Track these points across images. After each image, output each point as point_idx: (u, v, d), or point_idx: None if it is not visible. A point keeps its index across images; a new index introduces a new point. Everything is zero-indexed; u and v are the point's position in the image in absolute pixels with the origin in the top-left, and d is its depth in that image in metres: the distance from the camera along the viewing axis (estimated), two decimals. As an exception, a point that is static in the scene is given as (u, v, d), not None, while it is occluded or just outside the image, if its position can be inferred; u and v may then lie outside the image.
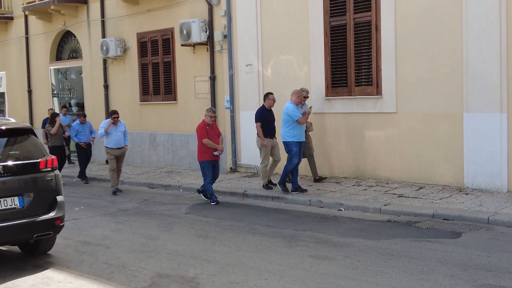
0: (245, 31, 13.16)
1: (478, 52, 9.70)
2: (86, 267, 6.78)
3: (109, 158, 12.42)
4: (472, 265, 6.16)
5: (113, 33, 16.33)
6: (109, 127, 12.21)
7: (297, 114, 10.36)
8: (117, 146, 12.32)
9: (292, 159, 10.43)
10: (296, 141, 10.44)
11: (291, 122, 10.37)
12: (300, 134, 10.50)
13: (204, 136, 10.47)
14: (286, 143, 10.50)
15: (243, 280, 5.98)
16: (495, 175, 9.69)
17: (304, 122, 10.50)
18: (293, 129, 10.40)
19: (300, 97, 10.64)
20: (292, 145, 10.42)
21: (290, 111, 10.38)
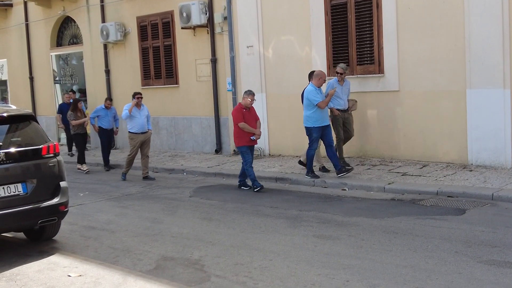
0: (245, 12, 13.06)
1: (480, 28, 9.61)
2: (91, 251, 6.81)
3: (132, 144, 11.79)
4: (476, 241, 6.16)
5: (113, 18, 16.24)
6: (133, 110, 11.63)
7: (316, 98, 9.77)
8: (141, 130, 11.76)
9: (312, 145, 10.00)
10: (317, 126, 9.87)
11: (312, 106, 9.82)
12: (322, 118, 9.90)
13: (240, 120, 9.84)
14: (306, 128, 10.03)
15: (248, 261, 5.99)
16: (499, 151, 9.65)
17: (324, 106, 9.82)
18: (315, 113, 9.83)
19: (322, 79, 9.93)
20: (312, 130, 9.92)
21: (310, 94, 9.84)
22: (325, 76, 10.08)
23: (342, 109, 10.54)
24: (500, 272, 5.20)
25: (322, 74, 10.02)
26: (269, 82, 12.80)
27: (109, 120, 13.47)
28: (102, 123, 13.42)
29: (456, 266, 5.41)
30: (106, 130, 13.49)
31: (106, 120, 13.43)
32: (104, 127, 13.45)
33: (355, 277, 5.33)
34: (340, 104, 10.50)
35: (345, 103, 10.58)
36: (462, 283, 4.98)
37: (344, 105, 10.57)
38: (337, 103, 10.47)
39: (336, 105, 10.43)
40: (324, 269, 5.59)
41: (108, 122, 13.46)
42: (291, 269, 5.66)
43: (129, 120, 11.72)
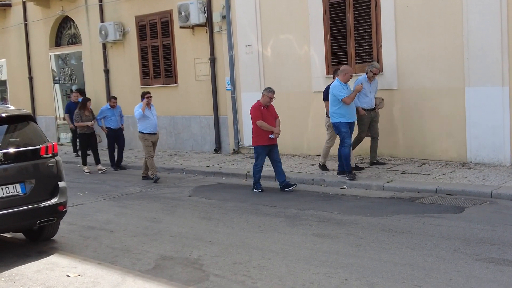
0: (243, 11, 13.06)
1: (478, 25, 9.61)
2: (90, 251, 6.81)
3: (146, 145, 11.48)
4: (475, 239, 6.16)
5: (112, 17, 16.23)
6: (145, 111, 11.35)
7: (341, 94, 9.49)
8: (154, 131, 11.52)
9: (344, 141, 9.60)
10: (345, 121, 9.58)
11: (338, 101, 9.54)
12: (349, 113, 9.62)
13: (258, 118, 9.55)
14: (334, 124, 9.71)
15: (247, 260, 5.99)
16: (498, 149, 9.65)
17: (350, 101, 9.51)
18: (340, 109, 9.54)
19: (348, 75, 9.64)
20: (340, 125, 9.59)
21: (335, 90, 9.57)
22: (351, 71, 9.82)
23: (369, 108, 10.29)
24: (498, 269, 5.20)
25: (348, 69, 9.75)
26: (268, 81, 12.79)
27: (116, 119, 13.25)
28: (110, 123, 13.18)
29: (455, 264, 5.41)
30: (114, 130, 13.25)
31: (113, 120, 13.21)
32: (112, 127, 13.21)
33: (354, 275, 5.33)
34: (366, 103, 10.26)
35: (372, 101, 10.33)
36: (460, 281, 4.98)
37: (371, 103, 10.32)
38: (363, 101, 10.23)
39: (362, 103, 10.20)
40: (322, 268, 5.59)
41: (115, 122, 13.23)
42: (290, 268, 5.66)
43: (141, 121, 11.43)
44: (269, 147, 9.70)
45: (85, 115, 13.00)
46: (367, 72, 10.24)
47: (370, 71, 10.20)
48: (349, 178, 9.55)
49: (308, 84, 12.15)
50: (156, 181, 11.31)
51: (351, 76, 9.76)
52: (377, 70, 10.26)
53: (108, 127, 13.23)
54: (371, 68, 10.21)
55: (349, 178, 9.55)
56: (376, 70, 10.24)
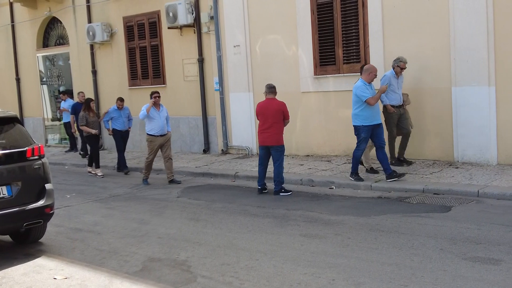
0: (231, 11, 13.06)
1: (465, 25, 9.67)
2: (77, 254, 6.78)
3: (151, 147, 11.13)
4: (461, 238, 6.19)
5: (99, 18, 16.17)
6: (151, 110, 10.98)
7: (365, 94, 9.04)
8: (161, 133, 11.07)
9: (360, 145, 9.29)
10: (366, 124, 9.14)
11: (360, 102, 9.10)
12: (372, 116, 9.16)
13: None
14: (355, 127, 9.32)
15: (234, 261, 5.99)
16: (485, 148, 9.72)
17: (374, 103, 9.06)
18: (364, 111, 9.10)
19: (372, 74, 9.23)
20: (361, 129, 9.18)
21: (358, 90, 9.11)
22: (376, 70, 9.34)
23: (398, 105, 9.99)
24: (484, 268, 5.24)
25: (373, 68, 9.31)
26: (256, 81, 12.80)
27: (123, 121, 12.81)
28: (116, 125, 12.76)
29: (441, 263, 5.44)
30: (120, 132, 12.82)
31: (120, 122, 12.78)
32: (119, 129, 12.78)
33: (341, 275, 5.34)
34: (395, 100, 9.94)
35: (400, 98, 10.02)
36: (447, 280, 5.01)
37: (399, 100, 10.01)
38: (392, 98, 9.91)
39: (391, 100, 9.88)
40: (310, 268, 5.60)
41: (122, 124, 12.80)
42: (278, 269, 5.66)
43: (147, 122, 11.12)
44: None
45: (90, 116, 12.55)
46: (394, 67, 9.91)
47: (397, 66, 9.86)
48: (355, 179, 9.35)
49: (296, 85, 12.17)
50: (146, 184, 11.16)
51: (375, 76, 9.36)
52: (404, 64, 9.87)
53: (115, 129, 12.80)
54: (398, 63, 9.86)
55: (355, 179, 9.36)
56: (403, 65, 9.87)
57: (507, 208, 7.37)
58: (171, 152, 11.32)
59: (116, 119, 12.79)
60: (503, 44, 9.35)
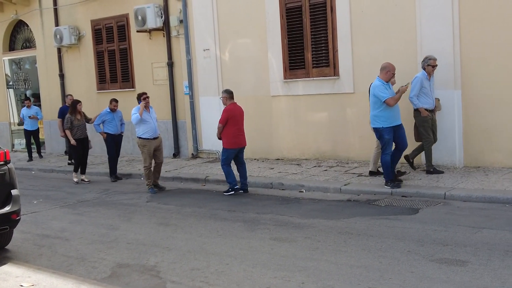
0: (201, 15, 13.04)
1: (431, 30, 9.82)
2: (44, 260, 6.67)
3: (146, 152, 10.47)
4: (429, 240, 6.28)
5: (67, 21, 15.98)
6: (143, 113, 10.46)
7: (384, 94, 8.55)
8: (154, 135, 10.55)
9: (386, 148, 8.69)
10: (388, 126, 8.64)
11: (379, 103, 8.61)
12: (392, 116, 8.66)
13: None
14: (376, 129, 8.78)
15: (204, 266, 5.97)
16: (451, 151, 9.87)
17: (394, 103, 8.57)
18: (383, 112, 8.61)
19: (390, 72, 8.71)
20: (383, 131, 8.64)
21: (377, 90, 8.62)
22: (394, 69, 8.80)
23: (430, 109, 9.38)
24: (451, 270, 5.31)
25: (390, 66, 8.75)
26: (226, 85, 12.75)
27: (116, 124, 12.11)
28: (109, 128, 12.03)
29: (409, 265, 5.51)
30: (113, 136, 12.11)
31: (113, 125, 12.06)
32: (111, 133, 12.05)
33: (311, 278, 5.37)
34: (428, 103, 9.33)
35: (433, 102, 9.40)
36: (414, 282, 5.07)
37: (432, 104, 9.38)
38: (425, 101, 9.30)
39: (424, 103, 9.28)
40: (280, 272, 5.61)
41: (115, 127, 12.10)
42: (248, 273, 5.66)
43: (139, 125, 10.51)
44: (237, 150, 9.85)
45: (77, 119, 11.92)
46: (424, 67, 9.29)
47: (427, 65, 9.24)
48: (392, 186, 8.70)
49: (266, 89, 12.20)
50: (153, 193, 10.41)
51: (393, 75, 8.85)
52: (434, 61, 9.21)
53: (107, 133, 12.08)
54: (428, 61, 9.24)
55: (391, 186, 8.71)
56: (434, 62, 9.21)
57: (473, 210, 7.50)
58: (162, 156, 10.86)
59: (109, 122, 12.06)
60: (469, 49, 9.53)
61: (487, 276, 5.07)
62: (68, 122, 11.93)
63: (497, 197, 7.79)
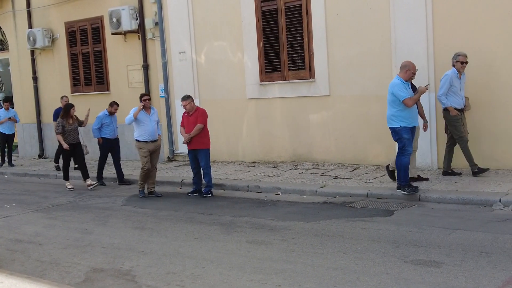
0: (176, 17, 12.99)
1: (405, 33, 9.92)
2: (17, 265, 6.55)
3: (142, 154, 10.14)
4: (404, 241, 6.32)
5: (40, 23, 15.79)
6: (140, 114, 10.07)
7: (403, 93, 8.18)
8: (151, 138, 10.13)
9: (404, 149, 8.33)
10: (406, 126, 8.29)
11: (397, 102, 8.26)
12: (411, 117, 8.33)
13: (181, 125, 10.09)
14: (393, 129, 8.37)
15: (180, 270, 5.92)
16: (425, 153, 9.97)
17: (412, 104, 8.21)
18: (401, 111, 8.24)
19: (410, 72, 8.31)
20: (402, 130, 8.26)
21: (396, 89, 8.24)
22: (415, 68, 8.39)
23: (459, 108, 8.99)
24: (426, 271, 5.35)
25: (411, 65, 8.36)
26: (202, 87, 12.77)
27: (113, 128, 11.65)
28: (106, 133, 11.57)
29: (384, 267, 5.54)
30: (109, 140, 11.60)
31: (110, 129, 11.59)
32: (108, 137, 11.57)
33: (287, 281, 5.36)
34: (457, 103, 8.96)
35: (463, 101, 9.01)
36: (389, 283, 5.10)
37: (461, 103, 9.00)
38: (454, 100, 8.94)
39: (452, 103, 8.93)
40: (256, 275, 5.60)
41: (112, 131, 11.63)
42: (224, 276, 5.63)
43: (136, 127, 10.18)
44: (193, 152, 9.85)
45: (68, 123, 11.26)
46: (454, 64, 8.91)
47: (457, 62, 8.85)
48: (409, 191, 8.27)
49: (242, 91, 12.19)
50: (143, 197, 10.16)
51: (414, 75, 8.42)
52: (464, 57, 8.82)
53: (104, 137, 11.61)
54: (457, 58, 8.86)
55: (408, 192, 8.27)
56: (464, 58, 8.82)
57: (447, 211, 7.58)
58: (157, 161, 10.57)
59: (107, 125, 11.58)
60: (442, 52, 9.63)
61: (462, 277, 5.12)
62: (59, 127, 11.25)
63: (471, 198, 7.88)
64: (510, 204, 7.49)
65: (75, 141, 11.41)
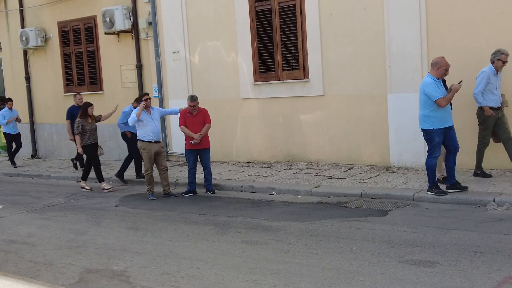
0: (170, 17, 12.96)
1: (399, 34, 9.94)
2: (11, 266, 6.52)
3: (145, 155, 9.96)
4: (398, 241, 6.33)
5: (33, 23, 15.72)
6: (142, 115, 9.91)
7: (436, 93, 7.82)
8: (155, 139, 10.01)
9: (433, 151, 8.05)
10: (438, 128, 7.94)
11: (430, 102, 7.89)
12: (444, 117, 7.96)
13: (180, 123, 9.95)
14: (425, 130, 8.08)
15: (175, 270, 5.91)
16: (419, 153, 9.99)
17: (445, 104, 7.84)
18: (434, 112, 7.90)
19: (442, 69, 7.92)
20: (434, 133, 7.94)
21: (428, 88, 7.86)
22: (447, 65, 7.99)
23: (496, 106, 8.68)
24: (420, 271, 5.36)
25: (443, 62, 7.98)
26: (196, 88, 12.73)
27: None
28: (131, 127, 11.14)
29: (379, 267, 5.54)
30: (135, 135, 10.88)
31: None
32: (134, 131, 10.89)
33: (282, 281, 5.35)
34: (494, 101, 8.64)
35: (499, 98, 8.70)
36: (384, 283, 5.10)
37: (498, 101, 8.68)
38: (490, 99, 8.62)
39: (488, 101, 8.61)
40: (251, 275, 5.59)
41: None
42: (219, 277, 5.62)
43: (138, 127, 10.03)
44: (197, 152, 9.95)
45: (88, 123, 10.94)
46: (494, 61, 8.57)
47: (498, 60, 8.52)
48: (436, 192, 8.12)
49: (236, 91, 12.18)
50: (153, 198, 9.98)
51: (446, 71, 8.02)
52: (506, 56, 8.51)
53: (131, 132, 11.27)
54: (499, 56, 8.51)
55: (436, 192, 8.12)
56: (506, 57, 8.50)
57: (442, 211, 7.59)
58: (165, 161, 10.33)
59: None
60: (436, 52, 9.61)
61: (457, 277, 5.13)
62: (78, 127, 10.85)
63: (465, 198, 7.90)
64: (504, 204, 7.52)
65: (95, 141, 11.12)
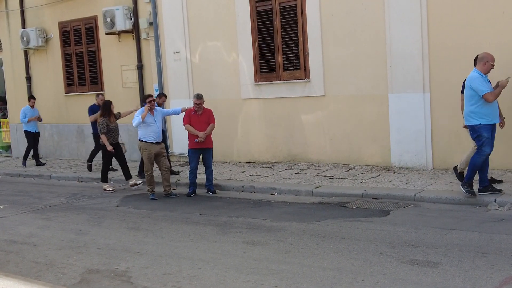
0: (171, 17, 12.95)
1: (400, 34, 9.93)
2: (12, 266, 6.52)
3: (145, 156, 9.97)
4: (400, 242, 6.33)
5: (34, 23, 15.72)
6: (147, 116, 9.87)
7: (482, 88, 7.54)
8: (156, 140, 9.97)
9: (482, 148, 7.69)
10: (486, 123, 7.64)
11: (477, 98, 7.62)
12: (492, 113, 7.66)
13: (185, 122, 9.90)
14: (472, 127, 7.76)
15: (176, 271, 5.90)
16: (420, 153, 9.99)
17: (493, 99, 7.57)
18: (480, 107, 7.60)
19: (489, 63, 7.69)
20: (481, 128, 7.62)
21: (475, 83, 7.61)
22: (493, 59, 7.75)
23: None
24: (422, 271, 5.36)
25: (489, 56, 7.74)
26: (197, 88, 12.71)
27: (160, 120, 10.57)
28: None
29: (381, 267, 5.54)
30: None
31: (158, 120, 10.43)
32: None
33: (284, 282, 5.35)
34: None
35: None
36: (386, 284, 5.10)
37: None
38: None
39: None
40: (253, 276, 5.59)
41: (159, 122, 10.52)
42: (220, 277, 5.62)
43: (141, 127, 10.01)
44: (200, 151, 9.94)
45: (111, 121, 10.78)
46: None
47: None
48: (466, 191, 7.81)
49: (237, 91, 12.18)
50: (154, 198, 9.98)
51: (493, 66, 7.77)
52: None
53: None
54: None
55: (467, 190, 7.81)
56: None
57: (443, 211, 7.59)
58: (167, 162, 10.31)
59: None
60: (437, 52, 9.66)
61: (458, 277, 5.12)
62: (104, 127, 10.66)
63: (466, 198, 7.89)
64: (505, 204, 7.52)
65: (116, 141, 11.03)
